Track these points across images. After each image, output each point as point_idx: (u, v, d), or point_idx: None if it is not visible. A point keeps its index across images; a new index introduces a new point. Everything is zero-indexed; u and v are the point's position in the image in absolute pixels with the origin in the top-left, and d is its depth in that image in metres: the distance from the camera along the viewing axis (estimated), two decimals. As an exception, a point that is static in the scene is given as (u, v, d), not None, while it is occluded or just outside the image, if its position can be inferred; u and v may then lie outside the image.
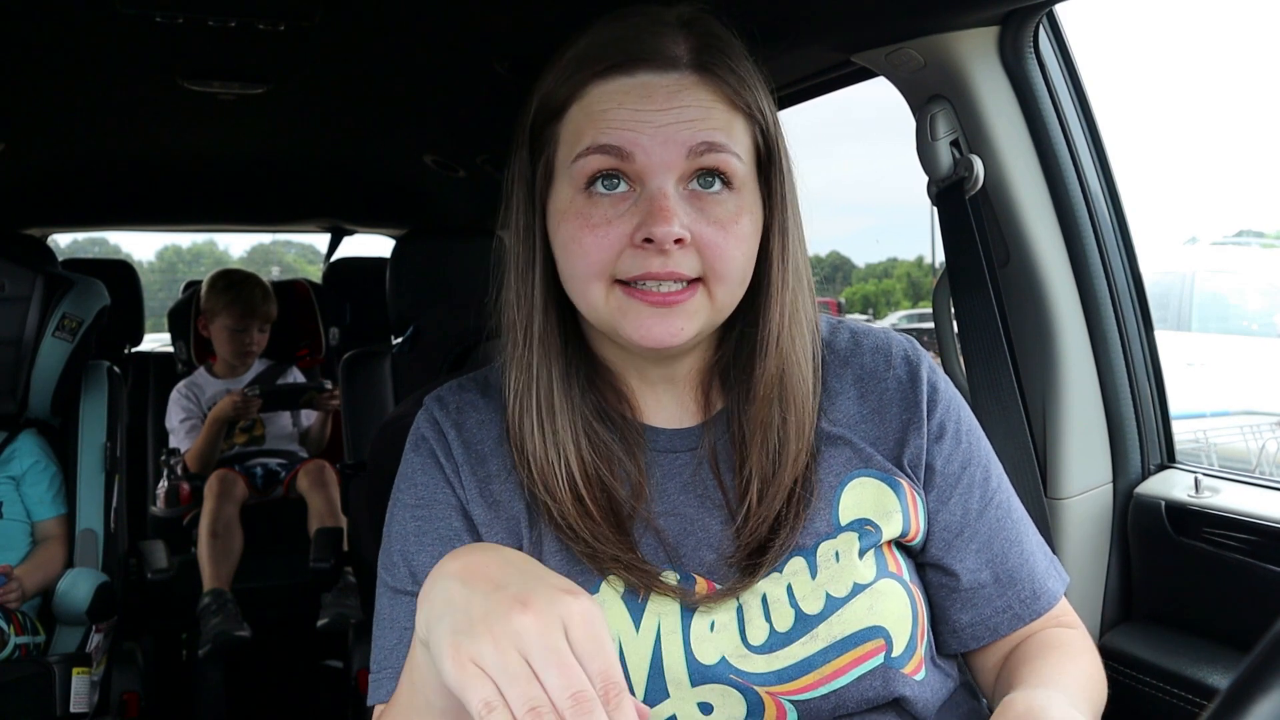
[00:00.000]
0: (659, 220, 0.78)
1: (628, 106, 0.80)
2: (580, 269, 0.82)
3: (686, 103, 0.80)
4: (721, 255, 0.81)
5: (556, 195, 0.84)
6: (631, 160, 0.80)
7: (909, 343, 0.96)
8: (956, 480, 0.92)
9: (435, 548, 0.88)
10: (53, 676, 1.93)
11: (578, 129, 0.82)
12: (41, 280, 2.20)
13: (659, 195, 0.79)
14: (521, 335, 0.87)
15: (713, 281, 0.82)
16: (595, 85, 0.82)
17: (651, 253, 0.79)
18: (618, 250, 0.80)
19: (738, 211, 0.82)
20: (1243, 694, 0.42)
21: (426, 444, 0.92)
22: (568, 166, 0.82)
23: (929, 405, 0.92)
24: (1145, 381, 1.45)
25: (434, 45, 1.70)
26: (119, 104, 2.06)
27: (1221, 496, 1.31)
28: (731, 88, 0.82)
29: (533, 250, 0.86)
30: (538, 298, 0.86)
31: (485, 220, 3.06)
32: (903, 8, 1.27)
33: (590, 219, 0.81)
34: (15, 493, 2.17)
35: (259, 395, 3.05)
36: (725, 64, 0.83)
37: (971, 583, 0.91)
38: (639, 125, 0.79)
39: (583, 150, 0.81)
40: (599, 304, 0.82)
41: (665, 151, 0.79)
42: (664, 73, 0.81)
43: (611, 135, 0.80)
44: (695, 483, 0.89)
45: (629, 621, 0.83)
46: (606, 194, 0.81)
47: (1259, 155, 18.49)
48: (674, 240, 0.78)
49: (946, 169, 1.40)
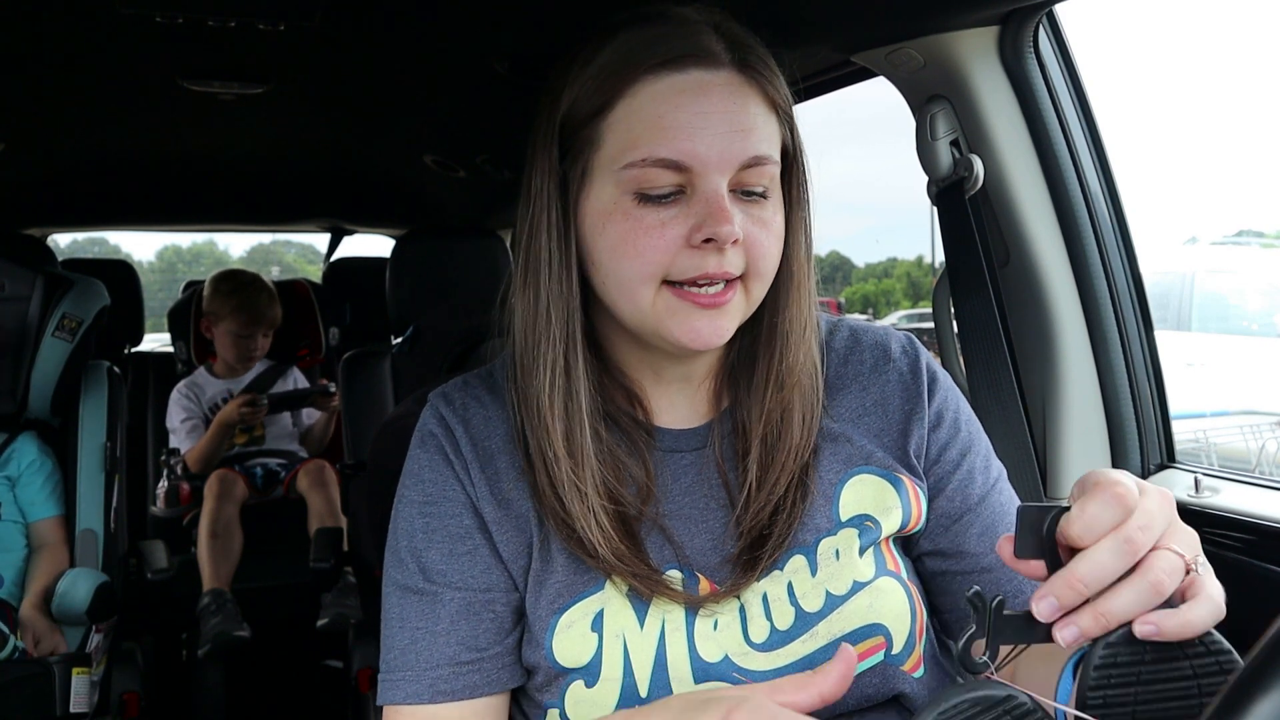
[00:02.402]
0: (720, 221, 0.79)
1: (685, 109, 0.80)
2: (631, 271, 0.82)
3: (738, 106, 0.81)
4: (765, 254, 0.83)
5: (596, 196, 0.84)
6: (688, 171, 0.80)
7: (907, 337, 0.97)
8: (955, 467, 0.92)
9: (445, 545, 0.87)
10: (52, 676, 1.93)
11: (630, 132, 0.81)
12: (41, 280, 2.20)
13: (716, 197, 0.80)
14: (559, 338, 0.86)
15: (752, 279, 0.84)
16: (645, 82, 0.81)
17: (709, 252, 0.80)
18: (674, 252, 0.81)
19: (774, 211, 0.85)
20: (1243, 694, 0.42)
21: (434, 440, 0.91)
22: (614, 170, 0.82)
23: (929, 394, 0.93)
24: (1145, 381, 1.45)
25: (434, 45, 1.70)
26: (119, 104, 2.06)
27: (1221, 496, 1.31)
28: (773, 86, 0.84)
29: (567, 251, 0.86)
30: (575, 299, 0.86)
31: (485, 220, 3.07)
32: (903, 8, 1.27)
33: (643, 221, 0.81)
34: (11, 494, 2.17)
35: (265, 404, 3.06)
36: (762, 62, 0.84)
37: (974, 566, 0.91)
38: (697, 133, 0.80)
39: (638, 160, 0.80)
40: (645, 306, 0.83)
41: (720, 160, 0.80)
42: (713, 70, 0.82)
43: (669, 147, 0.80)
44: (701, 481, 0.90)
45: (634, 619, 0.84)
46: (655, 196, 0.81)
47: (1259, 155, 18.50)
48: (732, 240, 0.80)
49: (946, 169, 1.40)
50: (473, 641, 0.86)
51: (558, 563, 0.86)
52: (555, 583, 0.86)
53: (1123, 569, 0.61)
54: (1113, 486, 0.62)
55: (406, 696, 0.85)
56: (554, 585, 0.85)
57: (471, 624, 0.86)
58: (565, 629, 0.84)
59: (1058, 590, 0.61)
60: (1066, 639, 0.61)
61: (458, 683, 0.85)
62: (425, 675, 0.85)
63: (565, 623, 0.84)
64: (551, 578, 0.86)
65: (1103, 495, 0.61)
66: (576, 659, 0.84)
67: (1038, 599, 0.61)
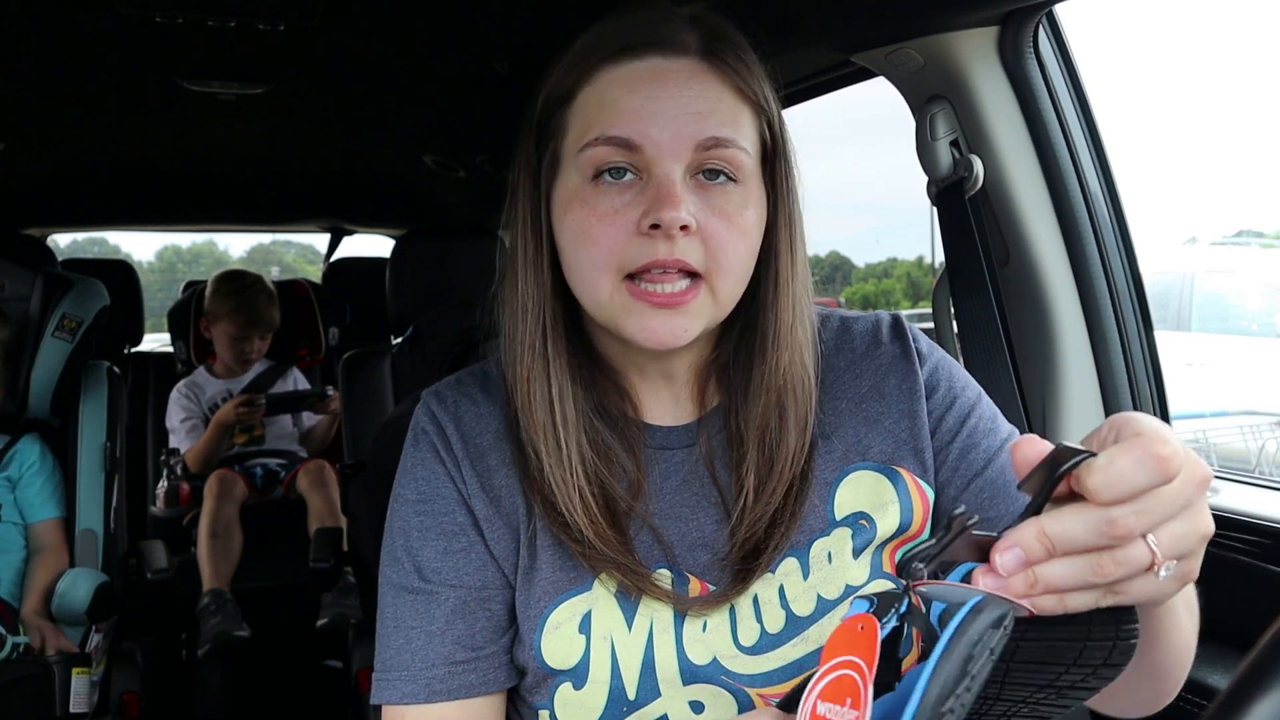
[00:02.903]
0: (666, 206, 0.77)
1: (639, 93, 0.80)
2: (588, 259, 0.81)
3: (695, 92, 0.80)
4: (724, 247, 0.81)
5: (562, 184, 0.84)
6: (640, 152, 0.80)
7: (894, 317, 0.94)
8: (954, 435, 0.89)
9: (439, 542, 0.87)
10: (52, 676, 1.93)
11: (586, 117, 0.82)
12: (41, 280, 2.20)
13: (666, 182, 0.79)
14: (533, 327, 0.86)
15: (715, 276, 0.81)
16: (605, 70, 0.82)
17: (658, 239, 0.78)
18: (625, 239, 0.80)
19: (742, 204, 0.82)
20: (1243, 694, 0.42)
21: (426, 438, 0.91)
22: (575, 155, 0.82)
23: (920, 365, 0.90)
24: (1145, 381, 1.45)
25: (434, 45, 1.70)
26: (119, 104, 2.06)
27: (1221, 497, 1.31)
28: (740, 76, 0.82)
29: (539, 240, 0.86)
30: (548, 288, 0.86)
31: (485, 220, 3.06)
32: (903, 8, 1.27)
33: (598, 208, 0.80)
34: (11, 495, 2.17)
35: (263, 404, 3.06)
36: (733, 52, 0.83)
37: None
38: (649, 116, 0.79)
39: (591, 140, 0.80)
40: (604, 298, 0.82)
41: (674, 143, 0.79)
42: (674, 58, 0.81)
43: (620, 126, 0.79)
44: (691, 480, 0.89)
45: (621, 620, 0.83)
46: (614, 183, 0.80)
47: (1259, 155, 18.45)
48: (680, 226, 0.78)
49: (946, 169, 1.40)
50: (469, 640, 0.85)
51: (544, 559, 0.86)
52: (542, 580, 0.85)
53: (1100, 545, 0.55)
54: (1155, 445, 0.53)
55: (402, 696, 0.85)
56: (541, 583, 0.85)
57: (467, 623, 0.86)
58: (553, 630, 0.84)
59: (1026, 543, 0.56)
60: (988, 586, 0.57)
61: (453, 682, 0.84)
62: (421, 675, 0.85)
63: (553, 623, 0.84)
64: (538, 574, 0.86)
65: (1140, 453, 0.53)
66: (564, 660, 0.83)
67: (1003, 549, 0.56)
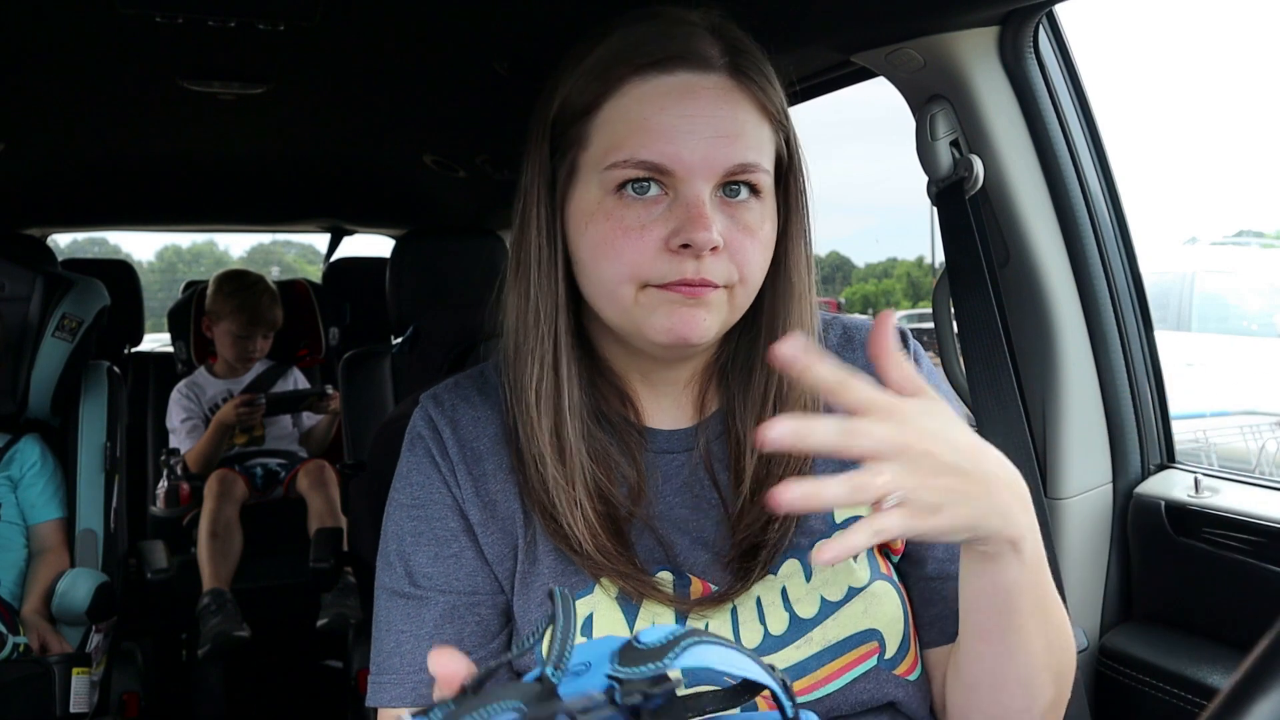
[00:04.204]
0: (698, 227, 0.77)
1: (669, 111, 0.79)
2: (611, 272, 0.81)
3: (727, 113, 0.80)
4: (748, 260, 0.81)
5: (582, 194, 0.83)
6: (670, 174, 0.79)
7: (899, 331, 0.94)
8: None
9: (431, 548, 0.87)
10: (52, 676, 1.94)
11: (615, 133, 0.81)
12: (41, 280, 2.21)
13: (696, 203, 0.78)
14: (545, 337, 0.85)
15: (736, 286, 0.82)
16: (632, 83, 0.81)
17: (687, 258, 0.78)
18: (652, 254, 0.79)
19: (762, 218, 0.83)
20: (1243, 694, 0.42)
21: (422, 442, 0.91)
22: (598, 169, 0.81)
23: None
24: (1145, 381, 1.45)
25: (434, 45, 1.70)
26: (119, 104, 2.06)
27: (1221, 497, 1.31)
28: (764, 93, 0.82)
29: (554, 248, 0.85)
30: (561, 299, 0.85)
31: (485, 220, 3.06)
32: (903, 8, 1.27)
33: (623, 221, 0.80)
34: (13, 495, 2.17)
35: (263, 403, 3.06)
36: (757, 68, 0.83)
37: (938, 573, 0.88)
38: (680, 136, 0.78)
39: (620, 161, 0.79)
40: (628, 306, 0.81)
41: (704, 166, 0.79)
42: (702, 73, 0.81)
43: (651, 149, 0.79)
44: (691, 483, 0.89)
45: (623, 622, 0.83)
46: (638, 198, 0.80)
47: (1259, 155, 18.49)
48: (711, 248, 0.78)
49: (946, 169, 1.40)
50: (456, 645, 0.85)
51: (544, 564, 0.86)
52: (542, 585, 0.85)
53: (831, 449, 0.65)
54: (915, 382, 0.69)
55: (391, 700, 0.86)
56: (541, 588, 0.85)
57: (456, 628, 0.86)
58: None
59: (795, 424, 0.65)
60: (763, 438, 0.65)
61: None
62: (409, 679, 0.86)
63: None
64: (538, 580, 0.86)
65: (905, 374, 0.69)
66: None
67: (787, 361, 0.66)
